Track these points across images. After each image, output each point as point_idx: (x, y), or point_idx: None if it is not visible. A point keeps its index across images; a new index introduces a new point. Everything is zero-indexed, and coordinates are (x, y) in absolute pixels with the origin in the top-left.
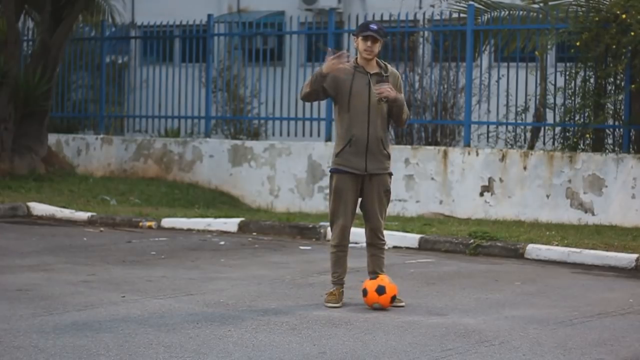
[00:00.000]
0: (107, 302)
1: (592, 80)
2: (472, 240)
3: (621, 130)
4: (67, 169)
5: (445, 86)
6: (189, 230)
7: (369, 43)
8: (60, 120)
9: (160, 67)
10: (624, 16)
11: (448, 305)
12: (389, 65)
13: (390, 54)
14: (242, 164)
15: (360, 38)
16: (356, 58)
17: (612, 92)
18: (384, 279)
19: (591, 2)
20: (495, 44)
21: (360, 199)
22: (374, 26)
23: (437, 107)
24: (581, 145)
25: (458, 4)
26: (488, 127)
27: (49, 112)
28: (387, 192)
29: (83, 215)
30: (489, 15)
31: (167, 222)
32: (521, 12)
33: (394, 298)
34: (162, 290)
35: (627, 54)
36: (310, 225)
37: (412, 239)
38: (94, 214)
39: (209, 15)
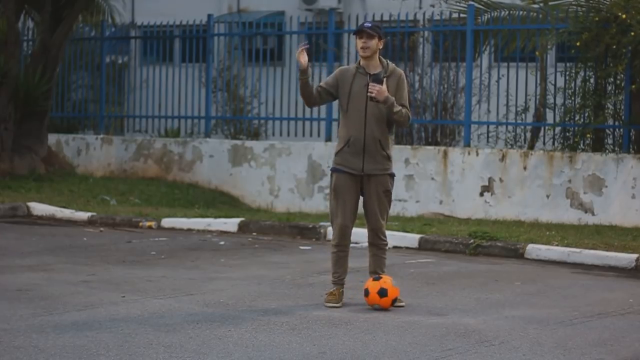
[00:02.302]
0: (107, 302)
1: (592, 80)
2: (472, 240)
3: (621, 130)
4: (67, 169)
5: (445, 86)
6: (189, 230)
7: (363, 39)
8: (60, 120)
9: (160, 67)
10: (624, 16)
11: (448, 305)
12: (391, 64)
13: (390, 54)
14: (242, 164)
15: (356, 38)
16: (359, 60)
17: (612, 92)
18: (386, 282)
19: (591, 2)
20: (495, 44)
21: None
22: (367, 24)
23: (437, 107)
24: (581, 145)
25: (458, 4)
26: (488, 127)
27: (49, 112)
28: (387, 192)
29: (83, 215)
30: (489, 15)
31: (167, 222)
32: (521, 12)
33: (395, 301)
34: (162, 290)
35: (627, 54)
36: (310, 225)
37: (412, 239)
38: (94, 214)
39: (209, 15)
